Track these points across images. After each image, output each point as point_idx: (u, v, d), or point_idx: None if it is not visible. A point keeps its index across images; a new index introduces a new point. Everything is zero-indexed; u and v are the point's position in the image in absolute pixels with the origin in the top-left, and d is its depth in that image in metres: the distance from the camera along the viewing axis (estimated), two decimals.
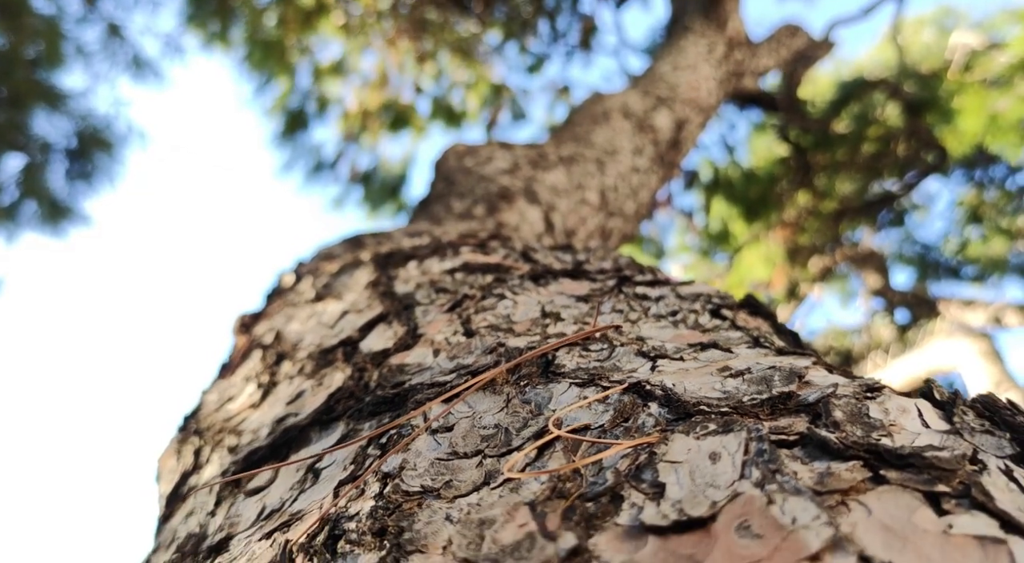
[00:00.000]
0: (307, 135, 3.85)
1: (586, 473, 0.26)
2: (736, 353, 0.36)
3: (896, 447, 0.22)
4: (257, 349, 0.73)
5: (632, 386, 0.30)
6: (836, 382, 0.32)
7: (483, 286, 0.55)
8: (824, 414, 0.26)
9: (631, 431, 0.26)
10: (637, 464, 0.24)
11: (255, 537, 0.31)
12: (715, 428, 0.24)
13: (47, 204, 3.00)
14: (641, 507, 0.21)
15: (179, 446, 0.64)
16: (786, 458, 0.23)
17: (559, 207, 1.63)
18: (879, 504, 0.20)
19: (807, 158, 4.35)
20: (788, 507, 0.19)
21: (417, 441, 0.30)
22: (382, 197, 3.97)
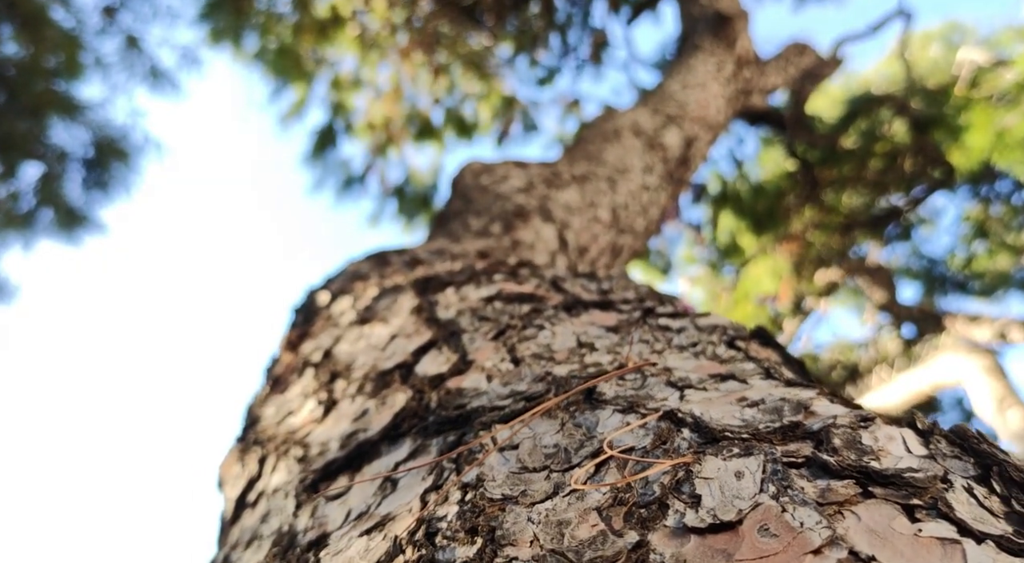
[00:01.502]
0: (336, 152, 3.93)
1: (636, 486, 0.32)
2: (751, 384, 0.42)
3: (882, 469, 0.29)
4: (308, 367, 0.78)
5: (667, 414, 0.36)
6: (836, 413, 0.38)
7: (522, 316, 0.61)
8: (825, 441, 0.32)
9: (669, 452, 0.33)
10: (677, 479, 0.30)
11: (353, 535, 0.38)
12: (738, 451, 0.30)
13: (63, 212, 3.07)
14: (683, 513, 0.27)
15: (241, 455, 0.70)
16: (795, 476, 0.29)
17: (572, 225, 1.70)
18: (867, 513, 0.26)
19: (814, 173, 4.40)
20: (797, 514, 0.25)
21: (489, 457, 0.36)
22: (415, 208, 4.05)
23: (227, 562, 0.54)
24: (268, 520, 0.51)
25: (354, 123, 3.93)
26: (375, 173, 3.98)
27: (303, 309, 1.21)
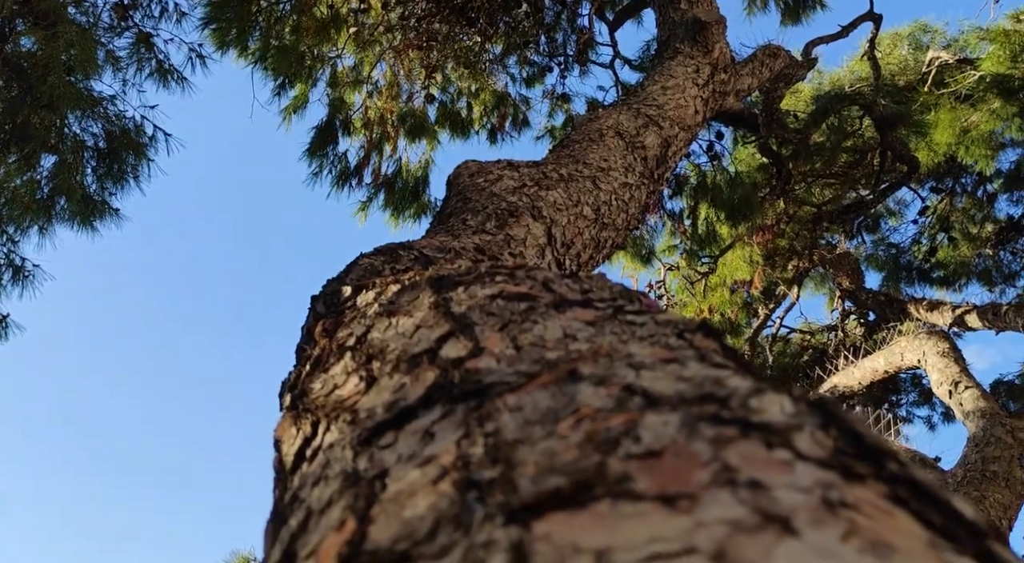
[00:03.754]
0: (335, 147, 4.05)
1: (602, 432, 0.49)
2: (687, 366, 0.60)
3: (758, 420, 0.46)
4: (346, 351, 0.95)
5: (625, 386, 0.54)
6: (739, 385, 0.56)
7: (521, 312, 0.79)
8: (725, 403, 0.49)
9: (624, 411, 0.50)
10: (627, 428, 0.47)
11: (408, 467, 0.54)
12: (668, 409, 0.47)
13: (79, 200, 3.19)
14: (630, 447, 0.44)
15: (295, 421, 0.87)
16: (701, 425, 0.46)
17: (559, 222, 1.86)
18: (741, 446, 0.43)
19: (787, 167, 4.59)
20: (696, 445, 0.42)
21: (502, 416, 0.53)
22: (406, 200, 4.18)
23: (296, 498, 0.71)
24: (330, 466, 0.68)
25: (352, 118, 4.06)
26: (370, 167, 4.12)
27: (324, 299, 1.37)
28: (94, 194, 3.43)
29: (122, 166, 3.40)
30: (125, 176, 3.43)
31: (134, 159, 3.44)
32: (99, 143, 3.14)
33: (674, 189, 5.01)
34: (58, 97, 2.71)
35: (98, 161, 3.40)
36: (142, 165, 3.46)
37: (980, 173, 5.65)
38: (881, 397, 6.69)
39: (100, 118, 3.32)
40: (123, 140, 3.37)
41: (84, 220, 3.37)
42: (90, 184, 3.38)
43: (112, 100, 3.34)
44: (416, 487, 0.50)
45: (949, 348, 4.37)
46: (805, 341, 6.51)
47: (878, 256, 6.02)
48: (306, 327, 1.40)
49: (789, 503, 0.37)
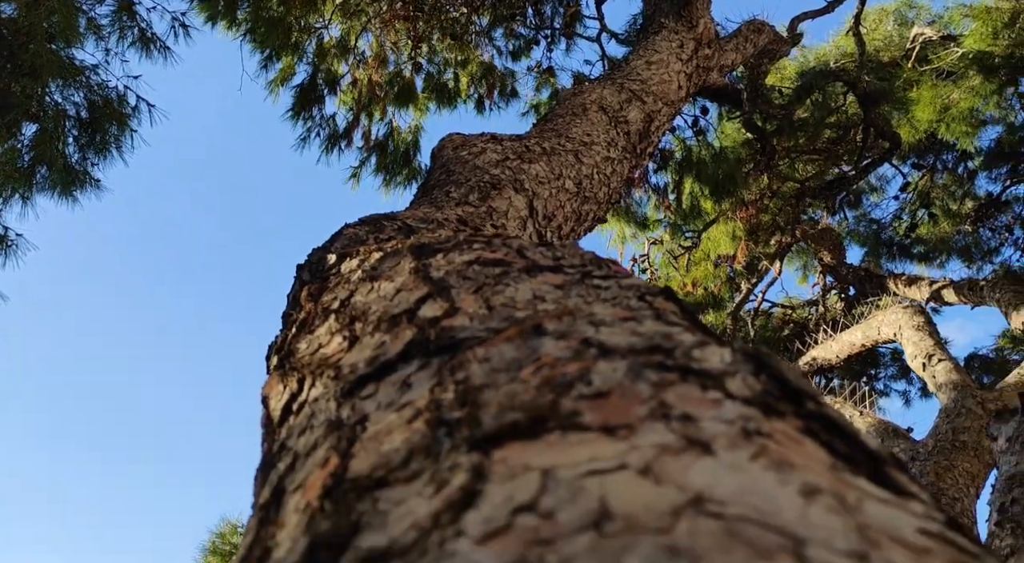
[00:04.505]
0: (321, 108, 4.04)
1: (559, 377, 0.55)
2: (643, 323, 0.65)
3: (698, 367, 0.52)
4: (330, 314, 1.01)
5: (583, 340, 0.59)
6: (686, 339, 0.62)
7: (495, 276, 0.85)
8: (670, 353, 0.55)
9: (581, 360, 0.56)
10: (581, 373, 0.53)
11: (387, 412, 0.60)
12: (619, 358, 0.53)
13: (60, 170, 3.18)
14: (582, 389, 0.50)
15: (282, 378, 0.92)
16: (646, 371, 0.52)
17: (541, 194, 1.91)
18: (680, 388, 0.49)
19: (771, 142, 4.64)
20: (640, 387, 0.48)
21: (472, 366, 0.59)
22: (397, 164, 4.18)
23: (283, 447, 0.76)
24: (315, 417, 0.74)
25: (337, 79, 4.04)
26: (359, 130, 4.11)
27: (309, 267, 1.42)
28: (76, 164, 3.43)
29: (104, 136, 3.39)
30: (107, 146, 3.42)
31: (117, 129, 3.43)
32: (81, 112, 3.12)
33: (659, 164, 5.05)
34: (40, 65, 2.70)
35: (80, 131, 3.39)
36: (125, 136, 3.45)
37: (963, 150, 5.73)
38: (860, 371, 6.83)
39: (82, 87, 3.31)
40: (106, 110, 3.36)
41: (65, 190, 3.37)
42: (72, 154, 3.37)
43: (95, 69, 3.32)
44: (393, 427, 0.55)
45: (924, 322, 4.47)
46: (787, 315, 6.62)
47: (860, 231, 6.11)
48: (292, 294, 1.45)
49: (712, 432, 0.42)
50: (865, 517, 0.35)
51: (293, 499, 0.57)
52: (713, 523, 0.33)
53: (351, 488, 0.49)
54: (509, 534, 0.35)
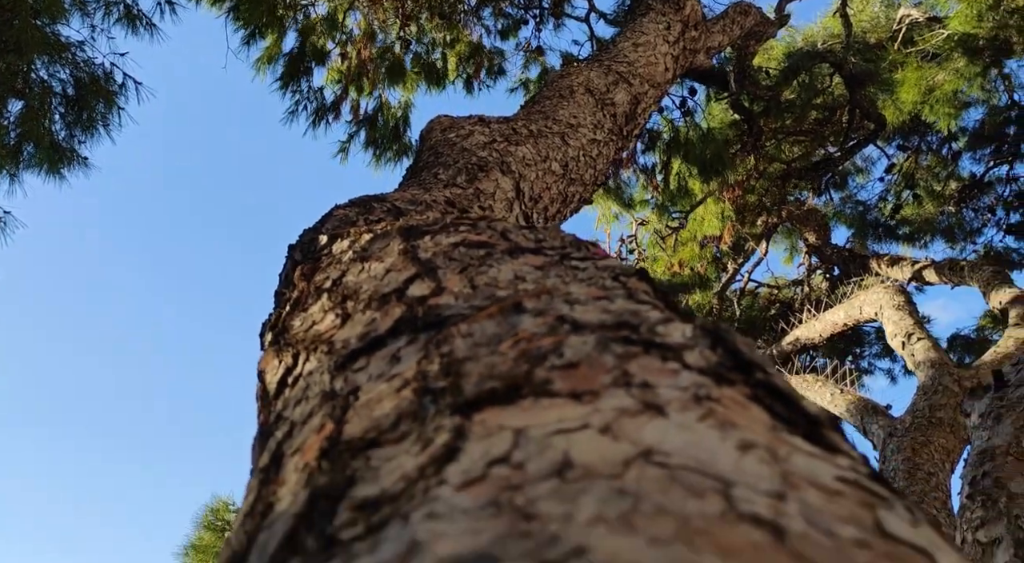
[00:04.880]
0: (309, 80, 4.03)
1: (534, 350, 0.60)
2: (614, 301, 0.71)
3: (660, 341, 0.57)
4: (323, 292, 1.06)
5: (558, 317, 0.65)
6: (653, 316, 0.67)
7: (479, 258, 0.90)
8: (637, 329, 0.60)
9: (555, 335, 0.61)
10: (555, 346, 0.58)
11: (378, 382, 0.65)
12: (588, 332, 0.58)
13: (47, 147, 3.19)
14: (554, 361, 0.55)
15: (277, 353, 0.97)
16: (612, 344, 0.57)
17: (528, 176, 1.95)
18: (643, 359, 0.54)
19: (758, 124, 4.68)
20: (606, 359, 0.53)
21: (456, 341, 0.64)
22: (387, 139, 4.18)
23: (280, 417, 0.81)
24: (310, 388, 0.79)
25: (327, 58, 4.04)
26: (347, 103, 4.12)
27: (301, 247, 1.46)
28: (63, 141, 3.43)
29: (91, 114, 3.39)
30: (94, 124, 3.41)
31: (103, 107, 3.42)
32: (67, 89, 3.12)
33: (647, 144, 5.09)
34: (25, 41, 2.69)
35: (66, 108, 3.38)
36: (112, 113, 3.45)
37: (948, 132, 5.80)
38: (846, 349, 6.95)
39: (68, 64, 3.30)
40: (92, 87, 3.35)
41: (52, 168, 3.37)
42: (59, 131, 3.37)
43: (80, 46, 3.31)
44: (383, 395, 0.60)
45: (904, 302, 4.56)
46: (772, 295, 6.72)
47: (846, 213, 6.19)
48: (284, 273, 1.49)
49: (667, 397, 0.48)
50: (791, 466, 0.41)
51: (292, 461, 0.62)
52: (658, 471, 0.39)
53: (346, 449, 0.55)
54: (484, 482, 0.41)
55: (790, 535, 0.33)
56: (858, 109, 4.81)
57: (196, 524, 5.63)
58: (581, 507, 0.35)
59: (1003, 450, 2.66)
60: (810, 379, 4.95)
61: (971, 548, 2.54)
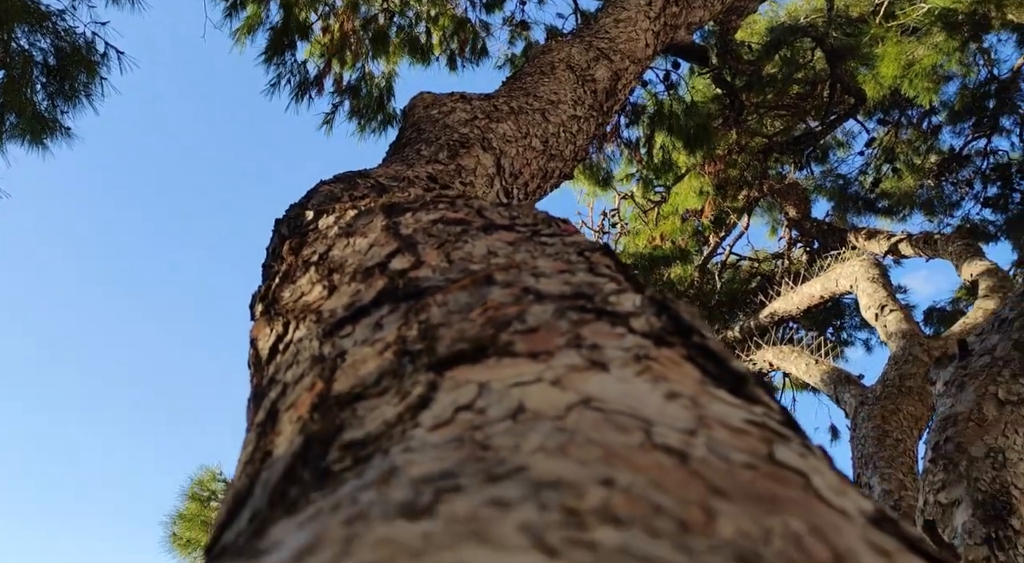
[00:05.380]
0: (293, 53, 4.02)
1: (500, 317, 0.68)
2: (576, 274, 0.78)
3: (611, 309, 0.65)
4: (310, 266, 1.13)
5: (523, 288, 0.72)
6: (609, 288, 0.74)
7: (456, 234, 0.97)
8: (591, 298, 0.68)
9: (519, 304, 0.68)
10: (519, 313, 0.66)
11: (363, 346, 0.73)
12: (549, 301, 0.65)
13: (30, 117, 3.19)
14: (517, 327, 0.63)
15: (268, 322, 1.04)
16: (568, 312, 0.65)
17: (508, 153, 2.01)
18: (594, 325, 0.62)
19: (740, 98, 4.74)
20: (561, 324, 0.61)
21: (432, 309, 0.71)
22: (371, 109, 4.19)
23: (273, 380, 0.89)
24: (300, 353, 0.86)
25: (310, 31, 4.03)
26: (330, 76, 4.12)
27: (287, 222, 1.52)
28: (45, 112, 3.42)
29: (73, 84, 3.38)
30: (76, 94, 3.41)
31: (85, 77, 3.42)
32: (48, 59, 3.11)
33: (631, 118, 5.13)
34: (5, 10, 2.69)
35: (48, 78, 3.37)
36: (94, 83, 3.44)
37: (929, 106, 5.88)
38: (826, 321, 7.11)
39: (49, 33, 3.29)
40: (74, 57, 3.34)
41: (35, 138, 3.37)
42: (41, 101, 3.36)
43: (61, 15, 3.30)
44: (367, 357, 0.68)
45: (879, 274, 4.68)
46: (753, 268, 6.83)
47: (826, 186, 6.29)
48: (271, 247, 1.55)
49: (611, 356, 0.56)
50: (707, 411, 0.49)
51: (286, 415, 0.70)
52: (594, 414, 0.47)
53: (334, 402, 0.62)
54: (452, 424, 0.49)
55: (692, 459, 0.41)
56: (839, 83, 4.87)
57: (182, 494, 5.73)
58: (528, 440, 0.43)
59: (965, 416, 2.77)
60: (786, 350, 5.09)
61: (932, 509, 2.65)
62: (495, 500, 0.33)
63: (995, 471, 2.66)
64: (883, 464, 3.79)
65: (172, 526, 5.71)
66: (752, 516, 0.35)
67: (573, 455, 0.41)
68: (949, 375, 3.02)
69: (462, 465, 0.40)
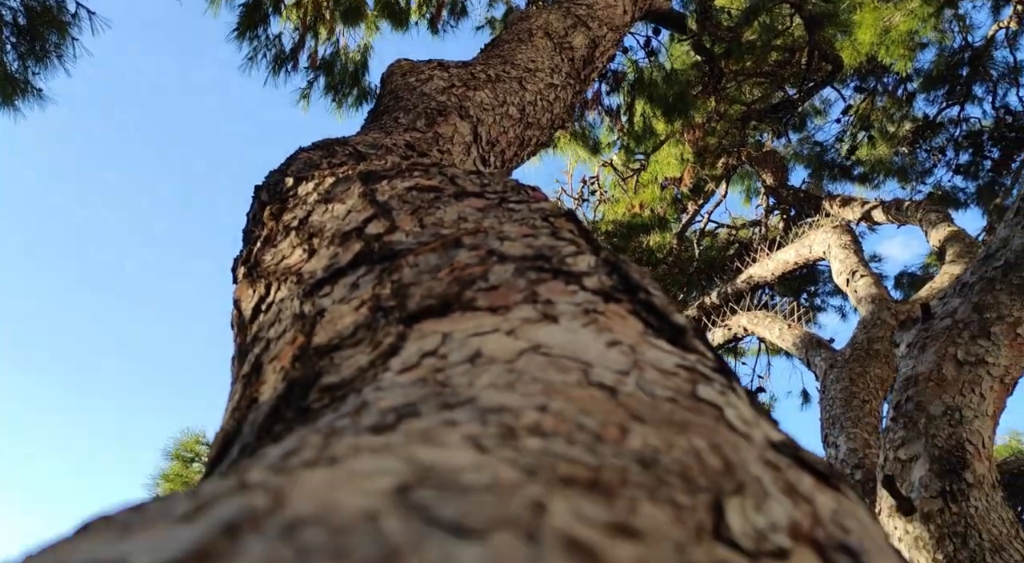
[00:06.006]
0: (267, 28, 3.99)
1: (467, 276, 0.74)
2: (539, 238, 0.85)
3: (567, 268, 0.72)
4: (291, 231, 1.18)
5: (489, 250, 0.78)
6: (567, 250, 0.80)
7: (429, 200, 1.03)
8: (549, 259, 0.74)
9: (484, 265, 0.75)
10: (483, 273, 0.72)
11: (340, 304, 0.78)
12: (510, 262, 0.72)
13: (0, 79, 3.15)
14: (481, 284, 0.69)
15: (251, 284, 1.10)
16: (528, 272, 0.71)
17: (486, 121, 2.04)
18: (550, 283, 0.68)
19: (719, 65, 4.76)
20: (520, 282, 0.67)
21: (405, 269, 0.77)
22: (346, 85, 4.18)
23: (256, 337, 0.94)
24: (282, 312, 0.92)
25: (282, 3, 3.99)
26: (305, 51, 4.09)
27: (267, 188, 1.56)
28: (16, 73, 3.38)
29: (44, 44, 3.34)
30: (48, 55, 3.37)
31: (56, 37, 3.37)
32: (18, 19, 3.06)
33: (611, 86, 5.15)
34: None
35: (18, 38, 3.33)
36: (65, 44, 3.40)
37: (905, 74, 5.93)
38: (800, 287, 7.25)
39: None
40: (44, 16, 3.29)
41: (7, 100, 3.34)
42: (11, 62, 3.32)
43: None
44: (344, 313, 0.74)
45: (851, 241, 4.79)
46: (731, 235, 6.93)
47: (803, 154, 6.36)
48: (252, 213, 1.59)
49: (562, 310, 0.62)
50: (643, 357, 0.56)
51: (270, 366, 0.76)
52: (541, 358, 0.53)
53: (314, 353, 0.68)
54: (418, 368, 0.55)
55: (620, 393, 0.48)
56: (817, 51, 4.91)
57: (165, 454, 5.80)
58: (481, 379, 0.50)
59: (926, 376, 2.88)
60: (761, 315, 5.21)
61: (892, 465, 2.78)
62: (447, 421, 0.39)
63: (951, 428, 2.76)
64: (849, 424, 3.93)
65: (155, 488, 5.79)
66: (662, 435, 0.42)
67: (518, 390, 0.48)
68: (912, 337, 3.13)
69: (424, 399, 0.47)
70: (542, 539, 0.22)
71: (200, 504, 0.22)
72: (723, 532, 0.33)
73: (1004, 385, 2.61)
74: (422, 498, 0.22)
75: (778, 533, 0.35)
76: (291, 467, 0.29)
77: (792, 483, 0.42)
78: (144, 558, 0.19)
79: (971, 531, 2.28)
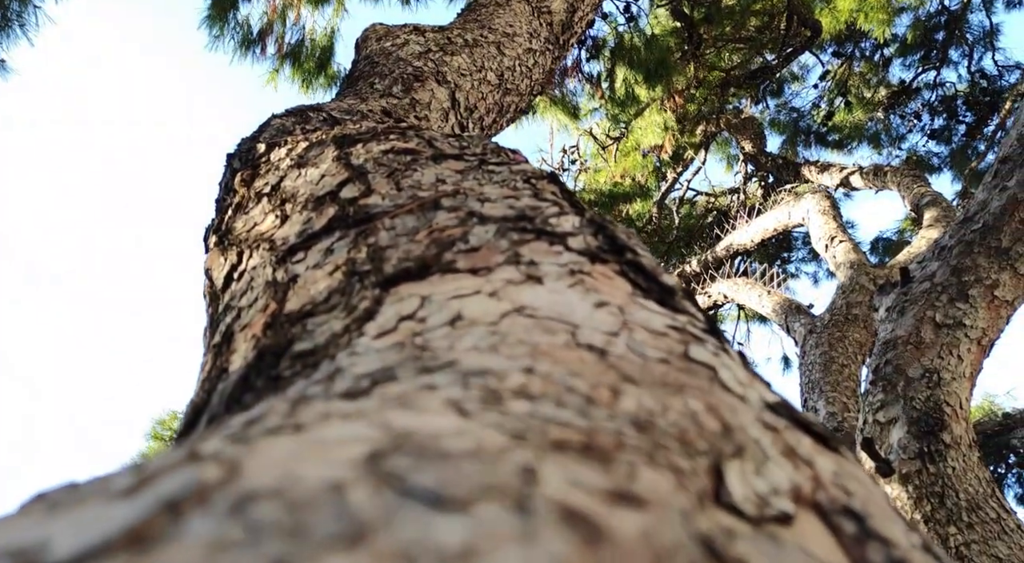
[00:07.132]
0: (236, 13, 3.87)
1: (445, 236, 0.71)
2: (520, 199, 0.81)
3: (551, 229, 0.69)
4: (263, 197, 1.13)
5: (469, 212, 0.75)
6: (550, 211, 0.78)
7: (405, 163, 0.99)
8: (532, 220, 0.71)
9: (463, 226, 0.71)
10: (462, 234, 0.69)
11: (314, 270, 0.75)
12: (491, 223, 0.69)
13: None
14: (460, 245, 0.66)
15: (222, 252, 1.06)
16: (510, 233, 0.68)
17: (463, 86, 1.99)
18: (533, 244, 0.65)
19: (698, 31, 4.71)
20: (502, 243, 0.64)
21: (380, 233, 0.74)
22: (312, 72, 4.10)
23: (228, 306, 0.91)
24: (254, 280, 0.89)
25: None
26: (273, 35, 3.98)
27: (240, 156, 1.51)
28: None
29: (5, 12, 3.21)
30: (10, 23, 3.24)
31: (19, 4, 3.24)
32: None
33: (592, 52, 5.08)
34: None
35: None
36: (27, 12, 3.27)
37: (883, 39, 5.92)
38: (775, 254, 7.30)
39: None
40: None
41: None
42: None
43: None
44: (318, 278, 0.70)
45: (829, 206, 4.81)
46: (710, 203, 6.94)
47: (780, 120, 6.35)
48: (224, 181, 1.54)
49: (547, 271, 0.59)
50: (631, 317, 0.53)
51: (241, 335, 0.73)
52: (526, 319, 0.51)
53: (286, 320, 0.65)
54: (395, 332, 0.52)
55: (610, 355, 0.45)
56: (796, 15, 4.87)
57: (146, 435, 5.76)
58: (462, 342, 0.47)
59: (904, 340, 2.90)
60: (740, 282, 5.24)
61: (871, 428, 2.81)
62: (425, 385, 0.36)
63: (929, 390, 2.79)
64: (828, 388, 3.98)
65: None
66: (656, 397, 0.40)
67: (503, 352, 0.45)
68: (891, 301, 3.14)
69: (401, 363, 0.44)
70: (534, 509, 0.20)
71: (143, 478, 0.19)
72: (724, 497, 0.30)
73: (981, 347, 2.64)
74: (397, 467, 0.20)
75: (780, 497, 0.33)
76: (251, 436, 0.26)
77: (791, 445, 0.40)
78: (67, 541, 0.16)
79: (948, 491, 2.31)
